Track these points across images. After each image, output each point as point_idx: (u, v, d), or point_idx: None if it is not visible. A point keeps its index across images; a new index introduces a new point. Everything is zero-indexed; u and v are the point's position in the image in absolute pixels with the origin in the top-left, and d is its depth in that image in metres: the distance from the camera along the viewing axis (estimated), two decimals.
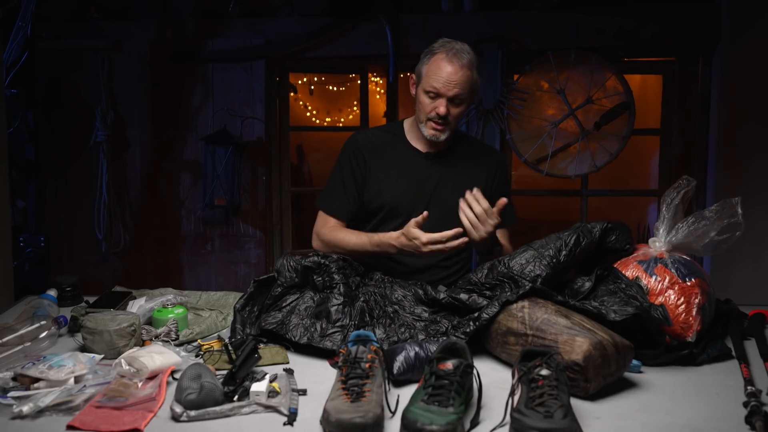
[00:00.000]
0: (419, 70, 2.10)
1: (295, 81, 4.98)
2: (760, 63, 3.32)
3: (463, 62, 2.03)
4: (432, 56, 2.07)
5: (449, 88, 2.02)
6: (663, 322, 1.66)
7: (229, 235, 3.81)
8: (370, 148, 2.18)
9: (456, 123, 2.11)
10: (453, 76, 2.02)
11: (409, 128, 2.22)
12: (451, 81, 2.02)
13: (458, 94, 2.03)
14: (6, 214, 2.77)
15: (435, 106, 2.04)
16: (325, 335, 1.68)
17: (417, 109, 2.12)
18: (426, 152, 2.18)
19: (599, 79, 3.51)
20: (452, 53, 2.03)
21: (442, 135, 2.08)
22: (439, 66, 2.03)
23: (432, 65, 2.05)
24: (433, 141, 2.12)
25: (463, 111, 2.10)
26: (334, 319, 1.71)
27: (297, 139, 5.30)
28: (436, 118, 2.05)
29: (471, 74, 2.05)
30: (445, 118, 2.05)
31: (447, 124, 2.07)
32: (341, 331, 1.68)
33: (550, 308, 1.58)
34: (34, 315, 1.80)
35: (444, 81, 2.02)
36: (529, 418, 1.22)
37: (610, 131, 3.54)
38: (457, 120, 2.10)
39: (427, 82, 2.05)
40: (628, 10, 3.56)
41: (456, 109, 2.06)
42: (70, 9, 3.74)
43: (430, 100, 2.05)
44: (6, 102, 2.97)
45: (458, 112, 2.08)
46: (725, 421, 1.33)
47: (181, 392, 1.35)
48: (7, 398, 1.38)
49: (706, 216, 1.73)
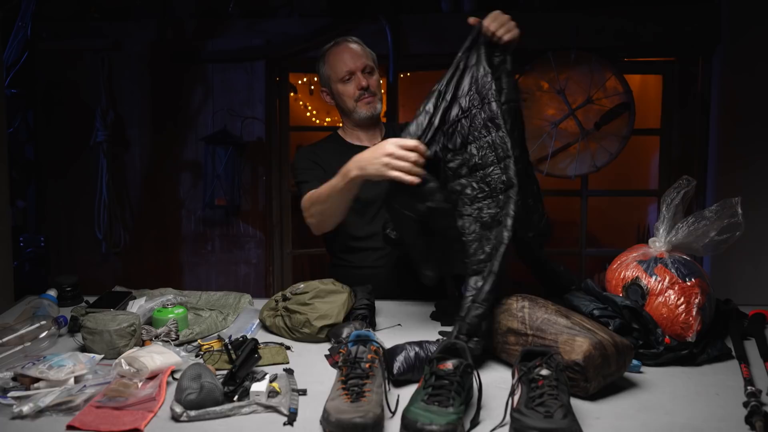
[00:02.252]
0: (324, 74, 2.26)
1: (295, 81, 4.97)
2: (760, 63, 3.32)
3: (351, 41, 2.24)
4: (325, 56, 2.25)
5: (356, 61, 2.19)
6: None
7: (229, 235, 3.81)
8: (321, 153, 2.25)
9: (380, 92, 2.25)
10: (352, 53, 2.21)
11: (345, 134, 2.32)
12: (354, 56, 2.20)
13: (365, 64, 2.20)
14: (6, 214, 2.77)
15: (356, 83, 2.19)
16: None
17: (343, 105, 2.24)
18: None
19: (599, 79, 3.51)
20: (338, 43, 2.24)
21: (377, 105, 2.24)
22: (336, 55, 2.22)
23: (330, 59, 2.23)
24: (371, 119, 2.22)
25: (378, 80, 2.25)
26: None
27: (297, 139, 5.29)
28: (363, 93, 2.19)
29: (365, 47, 2.25)
30: (368, 89, 2.20)
31: (374, 95, 2.22)
32: None
33: (550, 308, 1.58)
34: (34, 315, 1.80)
35: (349, 59, 2.19)
36: (529, 418, 1.22)
37: (610, 131, 3.54)
38: (379, 89, 2.25)
39: (335, 73, 2.21)
40: (628, 11, 3.56)
41: (372, 78, 2.22)
42: (70, 9, 3.74)
43: (348, 84, 2.20)
44: (6, 102, 2.98)
45: (375, 81, 2.23)
46: (725, 421, 1.33)
47: (181, 392, 1.35)
48: (7, 398, 1.38)
49: (706, 216, 1.73)
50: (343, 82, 2.20)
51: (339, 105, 2.27)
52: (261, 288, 3.79)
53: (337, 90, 2.23)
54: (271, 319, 1.86)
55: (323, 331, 1.78)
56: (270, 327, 1.86)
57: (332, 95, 2.27)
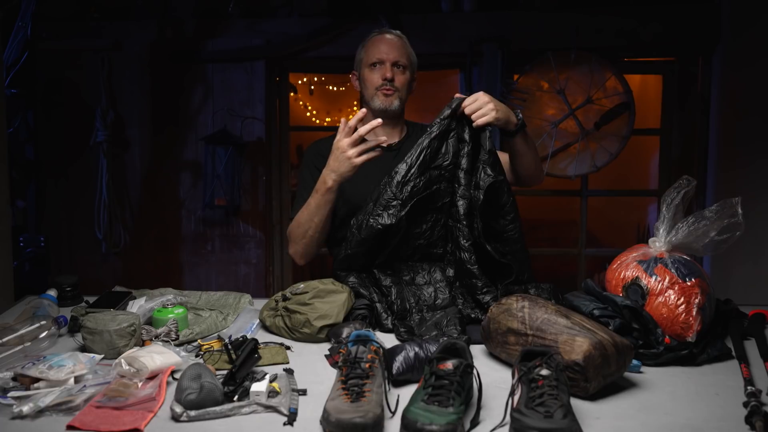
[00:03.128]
0: (358, 59, 2.26)
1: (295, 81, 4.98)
2: (760, 63, 3.32)
3: (395, 35, 2.22)
4: (365, 41, 2.25)
5: (389, 53, 2.17)
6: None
7: (229, 235, 3.81)
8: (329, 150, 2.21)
9: (404, 93, 2.21)
10: (390, 44, 2.19)
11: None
12: (389, 48, 2.18)
13: (398, 59, 2.17)
14: (6, 214, 2.77)
15: (382, 72, 2.17)
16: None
17: (364, 91, 2.23)
18: (387, 145, 2.20)
19: (599, 79, 3.51)
20: (382, 32, 2.23)
21: (395, 101, 2.18)
22: (375, 42, 2.21)
23: (369, 44, 2.22)
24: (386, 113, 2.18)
25: (408, 81, 2.21)
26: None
27: (297, 139, 5.29)
28: (385, 84, 2.16)
29: (406, 44, 2.22)
30: (392, 82, 2.16)
31: (396, 90, 2.18)
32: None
33: (550, 308, 1.58)
34: (34, 315, 1.80)
35: (384, 49, 2.18)
36: (529, 418, 1.22)
37: (610, 131, 3.54)
38: (404, 89, 2.20)
39: (367, 57, 2.20)
40: (628, 10, 3.56)
41: (401, 75, 2.19)
42: (70, 9, 3.73)
43: (375, 71, 2.18)
44: (6, 102, 2.97)
45: (403, 80, 2.19)
46: (725, 421, 1.33)
47: (181, 392, 1.35)
48: (7, 398, 1.38)
49: (706, 216, 1.73)
50: (370, 67, 2.19)
51: (362, 92, 2.25)
52: (261, 288, 3.79)
53: (364, 75, 2.21)
54: (271, 319, 1.86)
55: (323, 331, 1.78)
56: (270, 327, 1.86)
57: (359, 80, 2.26)
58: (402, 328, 1.81)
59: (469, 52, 3.57)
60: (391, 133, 2.25)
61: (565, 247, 4.19)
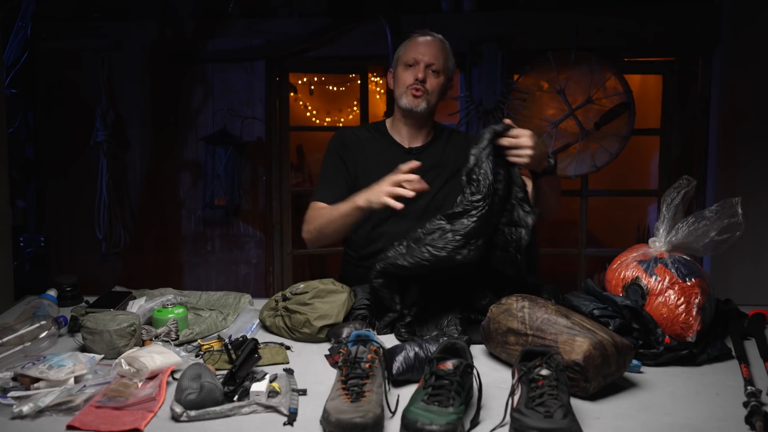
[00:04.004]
0: (397, 55, 2.24)
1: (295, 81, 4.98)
2: (760, 63, 3.32)
3: (436, 37, 2.21)
4: (408, 39, 2.23)
5: (425, 54, 2.15)
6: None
7: (229, 235, 3.81)
8: (355, 141, 2.25)
9: (434, 97, 2.18)
10: (428, 46, 2.18)
11: (391, 125, 2.28)
12: (426, 49, 2.16)
13: (433, 62, 2.15)
14: (6, 214, 2.77)
15: (414, 72, 2.15)
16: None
17: (396, 89, 2.22)
18: (409, 147, 2.23)
19: (599, 79, 3.51)
20: (425, 33, 2.22)
21: (422, 103, 2.16)
22: (415, 41, 2.20)
23: (408, 44, 2.21)
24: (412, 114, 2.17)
25: (441, 85, 2.19)
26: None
27: (297, 139, 5.30)
28: (415, 83, 2.14)
29: (445, 49, 2.21)
30: (423, 83, 2.14)
31: (426, 92, 2.15)
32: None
33: (550, 308, 1.58)
34: (34, 315, 1.80)
35: (421, 50, 2.16)
36: (529, 418, 1.22)
37: (610, 131, 3.54)
38: (435, 93, 2.17)
39: (404, 55, 2.19)
40: (628, 10, 3.56)
41: (434, 79, 2.16)
42: (70, 9, 3.73)
43: (409, 70, 2.17)
44: (6, 102, 2.97)
45: (436, 84, 2.17)
46: (725, 421, 1.33)
47: (181, 392, 1.35)
48: (7, 398, 1.38)
49: (706, 216, 1.73)
50: (404, 66, 2.18)
51: (394, 89, 2.24)
52: (261, 288, 3.79)
53: (398, 73, 2.20)
54: (271, 319, 1.86)
55: (323, 331, 1.78)
56: (270, 327, 1.86)
57: (394, 77, 2.24)
58: (402, 328, 1.81)
59: (469, 52, 3.57)
60: (416, 135, 2.24)
61: (565, 247, 4.19)
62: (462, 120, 3.63)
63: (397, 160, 2.14)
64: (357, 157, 2.22)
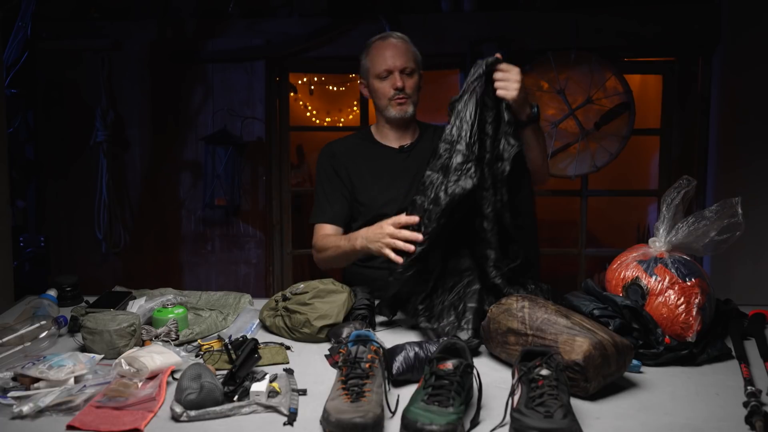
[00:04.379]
0: (363, 67, 2.24)
1: (295, 81, 4.98)
2: (760, 63, 3.32)
3: (397, 38, 2.21)
4: (369, 49, 2.23)
5: (396, 60, 2.16)
6: None
7: (229, 235, 3.81)
8: (344, 151, 2.26)
9: (416, 96, 2.21)
10: (395, 50, 2.17)
11: (377, 131, 2.30)
12: (395, 55, 2.17)
13: (406, 64, 2.17)
14: (6, 214, 2.77)
15: (391, 83, 2.16)
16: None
17: (377, 101, 2.22)
18: (398, 147, 2.24)
19: (599, 79, 3.50)
20: (385, 37, 2.22)
21: (408, 108, 2.19)
22: (379, 49, 2.19)
23: (373, 53, 2.21)
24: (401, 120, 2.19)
25: (417, 83, 2.21)
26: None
27: (297, 139, 5.30)
28: (397, 93, 2.16)
29: (410, 46, 2.21)
30: (403, 90, 2.16)
31: (408, 97, 2.18)
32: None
33: (550, 308, 1.58)
34: (34, 315, 1.80)
35: (390, 57, 2.16)
36: (529, 418, 1.22)
37: (610, 131, 3.53)
38: (415, 93, 2.21)
39: (374, 68, 2.19)
40: (628, 10, 3.56)
41: (410, 80, 2.18)
42: (70, 9, 3.73)
43: (385, 81, 2.17)
44: (6, 102, 2.97)
45: (413, 83, 2.19)
46: (725, 421, 1.33)
47: (181, 392, 1.35)
48: (7, 398, 1.39)
49: (706, 216, 1.73)
50: (379, 78, 2.18)
51: (374, 100, 2.25)
52: (261, 288, 3.79)
53: (373, 86, 2.21)
54: (271, 319, 1.86)
55: (323, 331, 1.78)
56: (270, 327, 1.86)
57: (369, 89, 2.25)
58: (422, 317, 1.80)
59: (469, 52, 3.57)
60: (403, 136, 2.27)
61: (565, 247, 4.19)
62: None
63: (391, 160, 2.16)
64: (349, 166, 2.23)
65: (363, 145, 2.28)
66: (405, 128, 2.26)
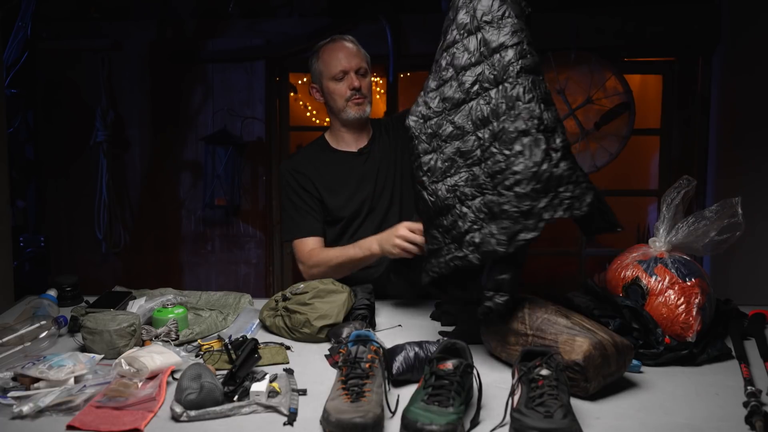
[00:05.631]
0: (316, 71, 2.25)
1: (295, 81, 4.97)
2: (761, 63, 3.32)
3: (347, 40, 2.22)
4: (319, 52, 2.24)
5: (350, 61, 2.17)
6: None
7: (229, 235, 3.81)
8: (306, 164, 2.24)
9: (370, 96, 2.22)
10: (347, 52, 2.18)
11: (332, 137, 2.29)
12: (349, 55, 2.18)
13: (360, 64, 2.18)
14: (6, 214, 2.77)
15: (348, 83, 2.17)
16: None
17: (332, 103, 2.22)
18: (357, 150, 2.25)
19: (599, 79, 3.50)
20: (334, 40, 2.23)
21: (366, 108, 2.20)
22: (331, 52, 2.20)
23: (324, 56, 2.22)
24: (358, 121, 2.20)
25: (370, 83, 2.23)
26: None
27: (297, 139, 5.29)
28: (354, 93, 2.17)
29: (360, 48, 2.22)
30: (360, 90, 2.17)
31: (365, 97, 2.19)
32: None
33: (550, 308, 1.58)
34: (34, 315, 1.80)
35: (344, 58, 2.17)
36: (529, 418, 1.22)
37: (610, 131, 3.53)
38: (370, 92, 2.21)
39: (329, 70, 2.19)
40: (628, 11, 3.56)
41: (364, 80, 2.19)
42: (70, 9, 3.73)
43: (340, 83, 2.18)
44: (6, 102, 2.97)
45: (367, 83, 2.20)
46: (725, 421, 1.33)
47: (181, 392, 1.35)
48: (7, 398, 1.39)
49: (706, 216, 1.73)
50: (335, 80, 2.18)
51: (328, 103, 2.25)
52: (261, 288, 3.79)
53: (329, 88, 2.20)
54: (271, 319, 1.86)
55: (323, 331, 1.78)
56: (270, 327, 1.86)
57: (322, 92, 2.25)
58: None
59: None
60: (360, 137, 2.27)
61: (565, 247, 4.19)
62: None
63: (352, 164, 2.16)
64: (314, 178, 2.20)
65: (323, 155, 2.26)
66: (361, 129, 2.26)
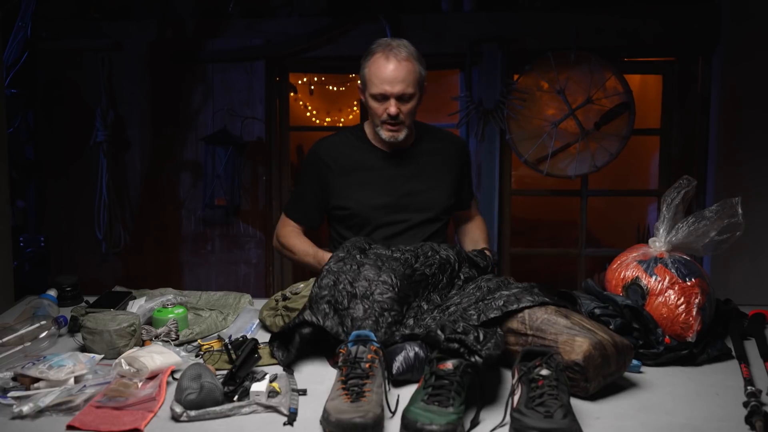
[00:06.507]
0: (363, 76, 2.10)
1: (295, 81, 4.97)
2: (760, 62, 3.32)
3: (401, 57, 2.03)
4: (371, 58, 2.07)
5: (394, 86, 2.02)
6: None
7: (229, 235, 3.81)
8: (333, 156, 2.19)
9: (411, 119, 2.10)
10: (394, 73, 2.02)
11: (370, 130, 2.21)
12: (394, 79, 2.02)
13: (404, 90, 2.03)
14: (6, 214, 2.77)
15: (385, 107, 2.04)
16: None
17: (371, 116, 2.13)
18: (390, 151, 2.18)
19: (599, 79, 3.50)
20: (389, 50, 2.04)
21: (400, 135, 2.09)
22: (379, 67, 2.04)
23: (372, 67, 2.06)
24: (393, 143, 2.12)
25: (415, 106, 2.09)
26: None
27: (297, 139, 5.29)
28: (389, 120, 2.05)
29: (413, 66, 2.04)
30: (396, 117, 2.05)
31: (401, 123, 2.07)
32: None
33: (550, 308, 1.58)
34: (34, 315, 1.80)
35: (388, 81, 2.02)
36: (529, 418, 1.22)
37: (610, 131, 3.53)
38: (410, 116, 2.09)
39: (371, 87, 2.06)
40: (628, 10, 3.56)
41: (406, 105, 2.05)
42: (70, 9, 3.73)
43: (379, 103, 2.06)
44: (6, 102, 2.97)
45: (409, 109, 2.06)
46: (725, 421, 1.33)
47: (181, 392, 1.35)
48: (7, 398, 1.39)
49: (706, 216, 1.73)
50: (374, 99, 2.06)
51: (369, 113, 2.15)
52: (261, 288, 3.79)
53: (368, 101, 2.09)
54: (271, 319, 1.86)
55: None
56: (270, 327, 1.86)
57: (365, 97, 2.12)
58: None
59: (469, 52, 3.57)
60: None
61: (565, 247, 4.19)
62: (462, 120, 3.63)
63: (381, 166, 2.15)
64: (336, 170, 2.18)
65: (354, 147, 2.19)
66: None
